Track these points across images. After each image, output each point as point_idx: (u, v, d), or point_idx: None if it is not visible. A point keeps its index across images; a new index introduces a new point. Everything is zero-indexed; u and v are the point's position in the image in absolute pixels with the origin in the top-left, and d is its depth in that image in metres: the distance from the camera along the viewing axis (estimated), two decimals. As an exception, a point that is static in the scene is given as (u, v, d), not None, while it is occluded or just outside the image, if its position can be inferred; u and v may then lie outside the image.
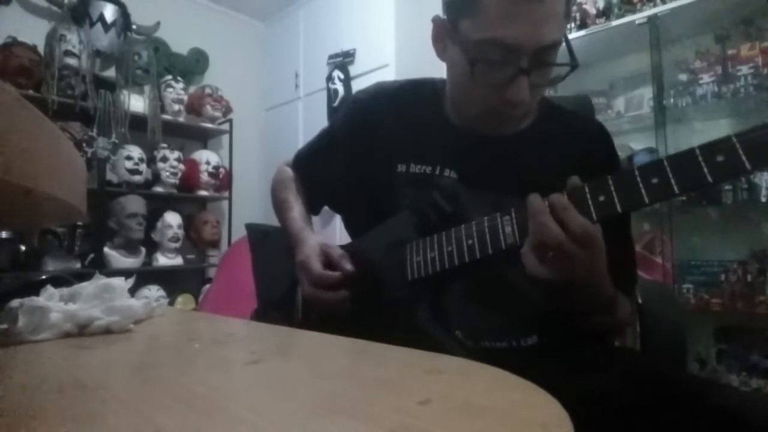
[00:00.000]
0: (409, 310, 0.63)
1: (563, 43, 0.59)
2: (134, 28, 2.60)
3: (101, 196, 2.32)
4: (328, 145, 0.83)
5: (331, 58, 2.67)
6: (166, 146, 2.60)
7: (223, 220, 2.92)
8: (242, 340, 0.48)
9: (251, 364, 0.35)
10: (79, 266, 2.28)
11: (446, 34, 0.65)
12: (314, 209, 0.85)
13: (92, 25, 2.41)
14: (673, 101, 1.92)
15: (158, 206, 2.59)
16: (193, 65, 2.96)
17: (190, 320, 0.67)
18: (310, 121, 2.81)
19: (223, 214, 2.96)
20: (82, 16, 2.41)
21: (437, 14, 0.66)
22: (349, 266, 0.66)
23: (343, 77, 2.56)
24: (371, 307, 0.66)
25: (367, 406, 0.24)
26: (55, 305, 0.46)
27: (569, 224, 0.49)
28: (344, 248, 0.70)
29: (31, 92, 2.12)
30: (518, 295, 0.62)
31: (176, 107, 2.68)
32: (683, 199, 1.83)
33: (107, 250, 2.38)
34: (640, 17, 1.90)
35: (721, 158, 0.44)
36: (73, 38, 2.27)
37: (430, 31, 0.68)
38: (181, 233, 2.61)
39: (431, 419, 0.22)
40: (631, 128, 2.13)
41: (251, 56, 3.31)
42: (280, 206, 0.83)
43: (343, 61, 2.60)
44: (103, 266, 2.27)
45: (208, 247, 2.83)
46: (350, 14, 2.62)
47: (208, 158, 2.78)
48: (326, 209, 0.87)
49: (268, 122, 3.24)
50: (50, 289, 0.51)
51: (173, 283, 2.65)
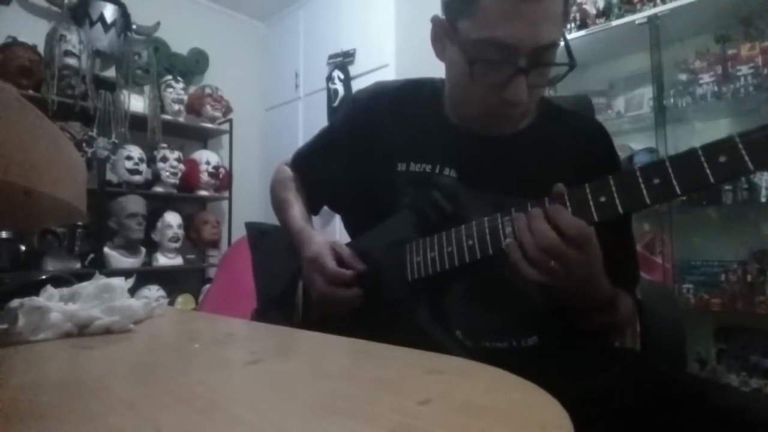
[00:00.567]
0: (409, 309, 0.63)
1: (562, 43, 0.59)
2: (134, 28, 2.60)
3: (101, 196, 2.32)
4: (327, 144, 0.83)
5: (331, 58, 2.67)
6: (166, 146, 2.60)
7: (223, 220, 2.92)
8: (242, 340, 0.48)
9: (251, 364, 0.35)
10: (79, 266, 2.28)
11: (445, 34, 0.65)
12: (314, 209, 0.85)
13: (92, 25, 2.41)
14: (673, 101, 1.92)
15: (158, 206, 2.59)
16: (193, 65, 2.96)
17: (190, 320, 0.67)
18: (310, 121, 2.81)
19: (223, 214, 2.96)
20: (82, 16, 2.41)
21: (436, 14, 0.66)
22: (362, 265, 0.67)
23: (343, 77, 2.56)
24: (372, 306, 0.66)
25: (367, 406, 0.24)
26: (55, 305, 0.46)
27: (563, 226, 0.49)
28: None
29: (31, 92, 2.12)
30: (518, 295, 0.62)
31: (176, 107, 2.68)
32: (683, 199, 1.83)
33: (107, 250, 2.38)
34: (640, 17, 1.90)
35: (723, 158, 0.44)
36: (73, 38, 2.27)
37: (429, 31, 0.68)
38: (181, 233, 2.61)
39: (431, 419, 0.22)
40: (631, 128, 2.13)
41: (251, 56, 3.31)
42: (279, 205, 0.83)
43: (343, 61, 2.60)
44: (103, 266, 2.27)
45: (208, 247, 2.83)
46: (350, 14, 2.62)
47: (208, 158, 2.79)
48: (326, 209, 0.87)
49: (268, 122, 3.24)
50: (50, 289, 0.51)
51: (173, 283, 2.65)
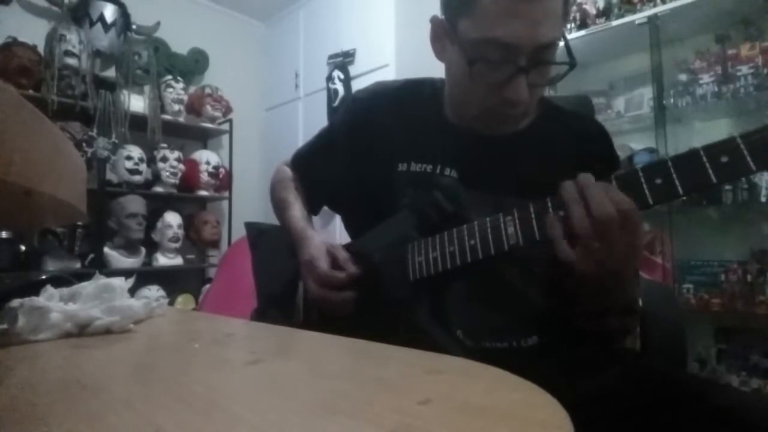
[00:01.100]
0: (410, 309, 0.63)
1: (562, 42, 0.59)
2: (134, 28, 2.60)
3: (101, 196, 2.32)
4: (327, 144, 0.83)
5: (331, 58, 2.68)
6: (166, 146, 2.60)
7: (223, 220, 2.92)
8: (242, 340, 0.48)
9: (251, 364, 0.35)
10: (79, 266, 2.28)
11: (445, 33, 0.65)
12: (314, 209, 0.85)
13: (92, 25, 2.41)
14: (673, 101, 1.91)
15: (158, 206, 2.59)
16: (193, 65, 2.96)
17: (190, 320, 0.67)
18: (310, 121, 2.81)
19: (223, 214, 2.96)
20: (82, 16, 2.41)
21: (436, 14, 0.66)
22: (355, 268, 0.67)
23: (343, 77, 2.56)
24: (372, 306, 0.66)
25: (367, 406, 0.24)
26: (55, 305, 0.46)
27: (619, 201, 0.47)
28: (345, 248, 0.70)
29: (31, 92, 2.12)
30: (519, 295, 0.62)
31: (176, 107, 2.68)
32: (684, 198, 1.83)
33: (107, 250, 2.38)
34: (640, 17, 1.90)
35: (725, 159, 0.44)
36: (73, 38, 2.27)
37: (429, 31, 0.68)
38: (181, 233, 2.61)
39: (431, 419, 0.22)
40: (631, 128, 2.13)
41: (251, 56, 3.31)
42: (279, 205, 0.83)
43: (343, 61, 2.60)
44: (103, 266, 2.27)
45: (208, 247, 2.83)
46: (350, 14, 2.62)
47: (208, 158, 2.79)
48: (326, 209, 0.87)
49: (268, 122, 3.24)
50: (50, 289, 0.51)
51: (173, 283, 2.65)
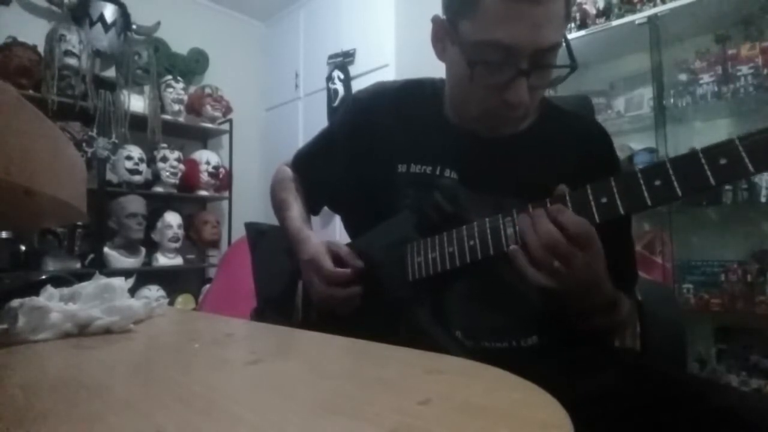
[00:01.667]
0: (409, 309, 0.63)
1: (563, 44, 0.59)
2: (134, 28, 2.60)
3: (101, 196, 2.32)
4: (327, 145, 0.83)
5: (331, 58, 2.68)
6: (166, 146, 2.60)
7: (223, 220, 2.92)
8: (242, 340, 0.49)
9: (251, 364, 0.35)
10: (79, 266, 2.28)
11: (446, 34, 0.64)
12: (314, 209, 0.85)
13: (92, 25, 2.41)
14: (673, 101, 1.91)
15: (158, 206, 2.59)
16: (193, 65, 2.96)
17: (190, 320, 0.67)
18: (310, 121, 2.81)
19: (223, 214, 2.96)
20: (82, 16, 2.41)
21: (437, 14, 0.66)
22: (359, 262, 0.67)
23: (343, 77, 2.56)
24: (372, 306, 0.66)
25: (367, 406, 0.24)
26: (55, 305, 0.46)
27: (567, 225, 0.49)
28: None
29: (31, 92, 2.12)
30: (518, 295, 0.62)
31: (176, 107, 2.68)
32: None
33: (107, 250, 2.38)
34: (640, 17, 1.89)
35: (724, 161, 0.44)
36: (73, 38, 2.27)
37: (429, 31, 0.68)
38: (181, 233, 2.61)
39: (431, 419, 0.22)
40: (631, 128, 2.12)
41: (251, 56, 3.31)
42: (279, 206, 0.83)
43: (343, 61, 2.60)
44: (103, 266, 2.27)
45: (208, 247, 2.83)
46: (350, 14, 2.62)
47: (208, 158, 2.79)
48: (326, 209, 0.87)
49: (268, 122, 3.24)
50: (50, 289, 0.51)
51: (173, 283, 2.65)
